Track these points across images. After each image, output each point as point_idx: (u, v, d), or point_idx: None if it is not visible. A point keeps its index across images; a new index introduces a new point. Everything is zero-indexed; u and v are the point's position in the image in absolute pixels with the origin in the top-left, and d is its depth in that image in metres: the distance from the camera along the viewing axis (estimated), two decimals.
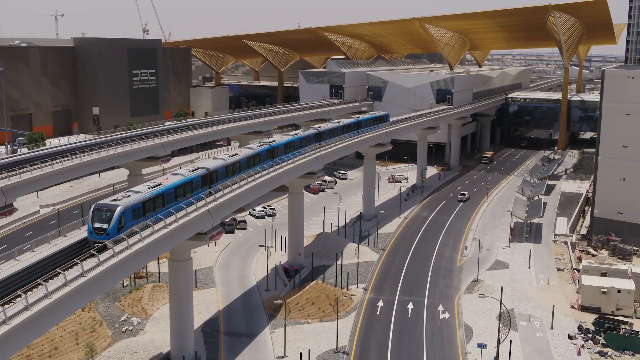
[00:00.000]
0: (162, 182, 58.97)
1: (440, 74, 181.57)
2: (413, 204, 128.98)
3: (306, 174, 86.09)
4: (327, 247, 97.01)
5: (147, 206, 54.34)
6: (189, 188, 61.12)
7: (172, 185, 58.77)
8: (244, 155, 73.76)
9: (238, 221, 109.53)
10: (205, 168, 65.22)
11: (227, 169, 68.90)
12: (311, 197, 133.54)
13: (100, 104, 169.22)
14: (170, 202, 57.91)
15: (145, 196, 54.58)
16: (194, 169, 64.30)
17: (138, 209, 52.93)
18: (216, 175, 66.30)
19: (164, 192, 57.13)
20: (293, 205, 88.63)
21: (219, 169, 67.03)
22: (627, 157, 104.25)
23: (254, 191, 71.73)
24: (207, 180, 64.63)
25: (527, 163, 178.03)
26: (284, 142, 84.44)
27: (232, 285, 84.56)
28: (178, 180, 60.00)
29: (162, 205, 56.58)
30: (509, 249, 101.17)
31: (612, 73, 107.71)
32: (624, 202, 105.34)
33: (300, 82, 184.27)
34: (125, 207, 51.23)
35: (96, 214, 50.54)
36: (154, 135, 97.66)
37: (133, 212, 52.18)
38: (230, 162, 70.10)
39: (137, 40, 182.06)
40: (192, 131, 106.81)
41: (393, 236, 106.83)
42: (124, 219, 50.80)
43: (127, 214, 51.32)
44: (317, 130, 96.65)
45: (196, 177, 62.63)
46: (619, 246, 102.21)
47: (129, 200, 52.52)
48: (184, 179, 60.75)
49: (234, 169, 70.36)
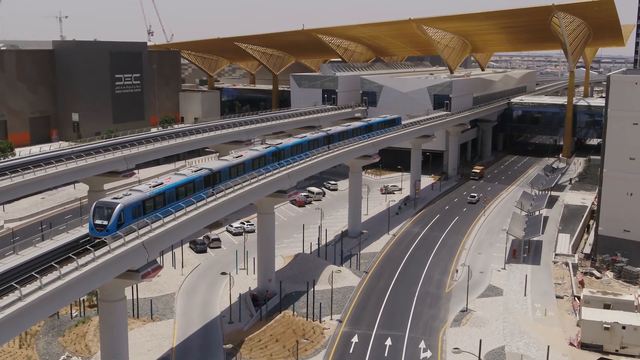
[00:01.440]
0: (164, 181, 61.08)
1: (439, 78, 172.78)
2: (405, 218, 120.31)
3: (276, 192, 77.60)
4: (303, 271, 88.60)
5: (148, 204, 56.21)
6: (191, 188, 63.02)
7: (174, 185, 60.64)
8: (248, 157, 75.21)
9: (211, 239, 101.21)
10: (208, 169, 67.15)
11: (231, 169, 70.52)
12: (296, 211, 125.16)
13: (80, 110, 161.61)
14: (171, 201, 59.74)
15: (146, 195, 56.43)
16: (197, 170, 66.37)
17: (138, 207, 54.76)
18: (219, 176, 68.22)
19: (165, 191, 58.97)
20: (263, 227, 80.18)
21: (222, 169, 68.80)
22: (635, 170, 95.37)
23: (200, 221, 63.01)
24: (209, 181, 66.51)
25: (529, 172, 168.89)
26: (290, 144, 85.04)
27: (192, 316, 76.18)
28: (180, 180, 62.02)
29: (163, 204, 58.40)
30: (504, 272, 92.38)
31: (617, 79, 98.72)
32: (631, 219, 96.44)
33: (291, 86, 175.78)
34: (125, 205, 53.10)
35: (97, 211, 52.46)
36: (115, 148, 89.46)
37: (133, 209, 54.00)
38: (235, 163, 71.55)
39: (120, 43, 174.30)
40: (160, 142, 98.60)
41: (379, 256, 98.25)
42: (124, 216, 52.65)
43: (127, 212, 53.15)
44: (325, 133, 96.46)
45: (198, 177, 64.47)
46: (625, 268, 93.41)
47: (129, 199, 54.40)
48: (185, 178, 62.76)
49: (237, 170, 71.77)
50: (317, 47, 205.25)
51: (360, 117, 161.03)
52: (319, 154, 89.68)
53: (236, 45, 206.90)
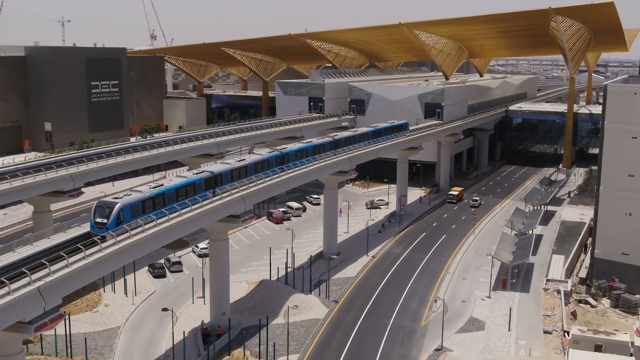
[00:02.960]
0: (165, 183, 63.22)
1: (432, 85, 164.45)
2: (388, 236, 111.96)
3: (228, 217, 69.48)
4: (265, 301, 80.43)
5: (147, 204, 58.29)
6: (191, 189, 64.98)
7: (174, 186, 62.66)
8: (251, 161, 76.77)
9: (172, 262, 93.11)
10: (209, 171, 69.41)
11: (233, 172, 72.20)
12: (272, 228, 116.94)
13: (54, 119, 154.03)
14: (171, 201, 61.74)
15: (146, 195, 58.65)
16: (198, 172, 68.96)
17: (137, 206, 56.95)
18: (221, 178, 70.06)
19: (165, 192, 61.13)
20: (215, 255, 72.00)
21: (224, 172, 70.72)
22: (634, 188, 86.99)
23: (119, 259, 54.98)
24: (211, 183, 68.45)
25: (527, 183, 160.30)
26: (295, 149, 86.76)
27: (134, 356, 68.01)
28: (180, 182, 64.05)
29: (162, 204, 60.44)
30: (489, 301, 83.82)
31: (615, 88, 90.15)
32: (630, 242, 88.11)
33: (276, 94, 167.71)
34: (124, 204, 55.46)
35: (98, 210, 55.05)
36: (59, 165, 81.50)
37: (132, 209, 56.15)
38: (237, 167, 73.22)
39: (97, 49, 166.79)
40: (115, 158, 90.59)
41: (353, 282, 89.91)
42: (123, 215, 54.95)
43: (126, 211, 55.41)
44: (332, 139, 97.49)
45: (199, 179, 66.63)
46: (623, 296, 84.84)
47: (128, 199, 56.73)
48: (186, 180, 64.92)
49: (239, 173, 73.42)
50: (308, 52, 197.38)
51: (347, 127, 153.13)
52: (276, 175, 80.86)
53: (223, 50, 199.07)
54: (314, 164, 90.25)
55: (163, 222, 59.03)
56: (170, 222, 59.69)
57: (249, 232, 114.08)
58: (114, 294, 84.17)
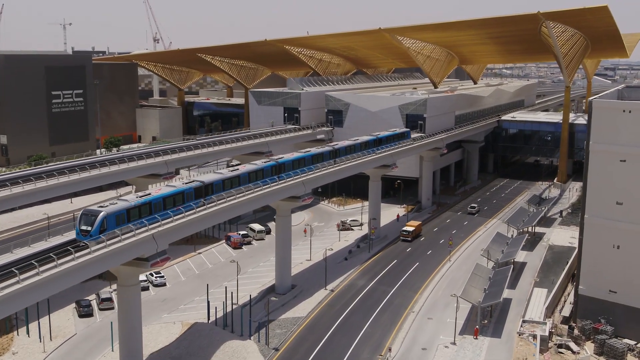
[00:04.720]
0: (152, 192, 64.14)
1: (416, 94, 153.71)
2: (354, 264, 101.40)
3: (135, 260, 59.12)
4: (192, 350, 70.04)
5: (132, 213, 59.20)
6: (179, 198, 65.72)
7: (161, 195, 63.39)
8: (244, 170, 77.12)
9: (101, 298, 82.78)
10: (200, 181, 70.09)
11: (225, 182, 72.89)
12: (228, 255, 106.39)
13: (9, 132, 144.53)
14: (158, 210, 62.44)
15: (131, 204, 59.53)
16: (188, 182, 69.63)
17: (122, 215, 57.82)
18: (212, 188, 70.83)
19: (151, 201, 61.80)
20: (124, 304, 61.61)
21: (214, 182, 71.50)
22: (623, 218, 76.33)
23: None
24: (201, 192, 69.10)
25: (518, 200, 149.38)
26: (292, 158, 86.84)
27: None
28: (168, 191, 64.77)
29: (148, 213, 61.17)
30: (453, 348, 73.17)
31: (601, 104, 79.18)
32: (617, 278, 77.73)
33: (250, 104, 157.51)
34: (109, 213, 56.51)
35: (83, 218, 56.25)
36: None
37: (116, 217, 57.09)
38: (228, 177, 73.85)
39: (59, 56, 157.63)
40: (47, 181, 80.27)
41: (302, 323, 79.31)
42: (107, 223, 56.00)
43: (110, 219, 56.40)
44: (332, 148, 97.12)
45: (188, 189, 67.40)
46: (609, 342, 74.10)
47: (113, 207, 57.76)
48: (174, 190, 65.68)
49: (232, 182, 74.01)
50: (289, 59, 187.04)
51: (324, 139, 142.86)
52: (228, 198, 71.19)
53: (200, 57, 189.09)
54: (263, 188, 79.90)
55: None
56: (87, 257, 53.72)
57: (202, 258, 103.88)
58: (27, 338, 74.14)
